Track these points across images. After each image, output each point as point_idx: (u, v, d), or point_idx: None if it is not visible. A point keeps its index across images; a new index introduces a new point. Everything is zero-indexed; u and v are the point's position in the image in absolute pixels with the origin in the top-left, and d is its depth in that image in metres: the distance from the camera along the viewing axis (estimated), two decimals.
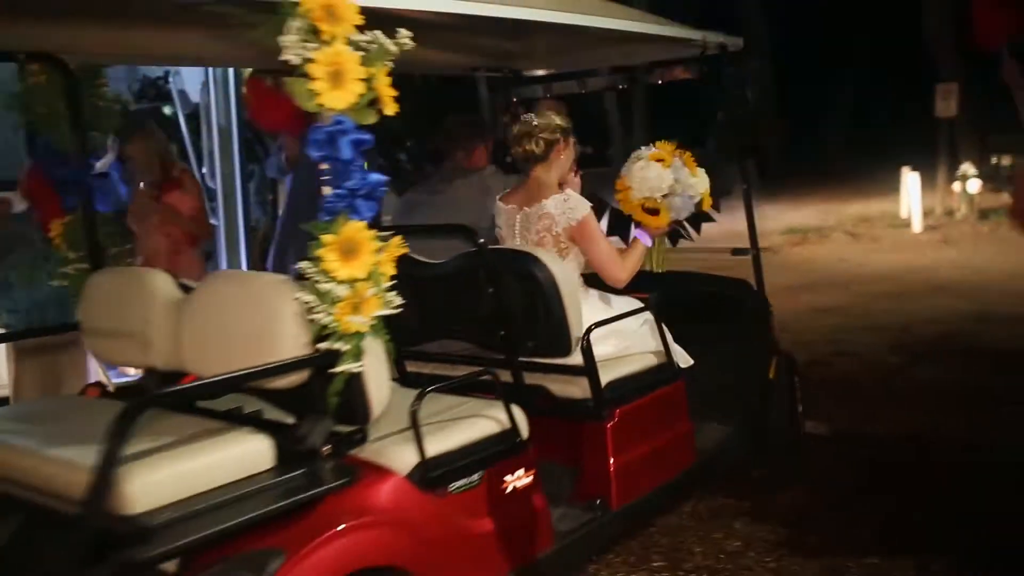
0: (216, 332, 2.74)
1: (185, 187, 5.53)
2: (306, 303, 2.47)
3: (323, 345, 2.49)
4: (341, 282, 2.43)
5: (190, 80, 8.04)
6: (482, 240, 3.50)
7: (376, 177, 2.44)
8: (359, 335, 2.50)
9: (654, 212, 4.05)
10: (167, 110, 9.15)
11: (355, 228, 2.43)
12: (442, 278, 3.76)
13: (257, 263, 7.42)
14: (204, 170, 7.73)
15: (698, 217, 5.10)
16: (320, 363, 2.51)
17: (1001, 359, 7.22)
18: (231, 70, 7.33)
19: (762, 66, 24.12)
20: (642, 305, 4.12)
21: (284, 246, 6.14)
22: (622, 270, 3.99)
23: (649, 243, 4.10)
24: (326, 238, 2.42)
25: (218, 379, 2.41)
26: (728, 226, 4.56)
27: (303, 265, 2.45)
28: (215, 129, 7.54)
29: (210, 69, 7.22)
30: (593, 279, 4.10)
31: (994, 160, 17.80)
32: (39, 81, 3.38)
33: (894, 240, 14.96)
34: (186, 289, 3.05)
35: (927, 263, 12.45)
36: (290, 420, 2.72)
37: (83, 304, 3.27)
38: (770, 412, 4.83)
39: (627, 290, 4.15)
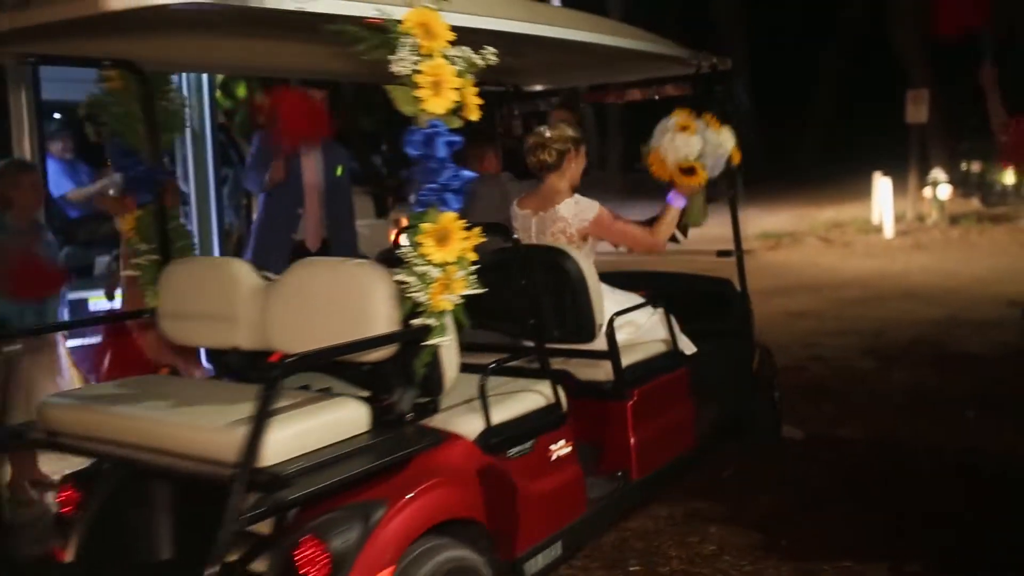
0: (308, 313, 3.27)
1: None
2: (404, 283, 3.02)
3: (416, 321, 3.05)
4: (436, 265, 2.99)
5: None
6: (516, 236, 4.07)
7: (466, 174, 3.05)
8: (445, 312, 3.08)
9: (689, 172, 4.61)
10: None
11: (448, 218, 3.01)
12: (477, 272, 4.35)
13: None
14: (178, 174, 8.16)
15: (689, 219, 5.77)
16: (413, 337, 3.07)
17: (971, 363, 7.73)
18: (204, 75, 7.81)
19: (739, 74, 24.92)
20: (643, 300, 4.70)
21: (262, 256, 6.63)
22: (653, 238, 4.63)
23: (682, 204, 4.64)
24: (425, 226, 2.98)
25: (334, 347, 2.93)
26: (708, 231, 5.23)
27: (404, 250, 3.03)
28: (188, 133, 8.00)
29: (184, 74, 7.66)
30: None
31: (964, 166, 18.57)
32: (116, 86, 3.87)
33: (866, 245, 15.57)
34: (265, 278, 3.60)
35: (899, 268, 13.05)
36: (362, 393, 3.27)
37: (162, 291, 3.76)
38: (755, 401, 5.51)
39: (627, 287, 4.80)
